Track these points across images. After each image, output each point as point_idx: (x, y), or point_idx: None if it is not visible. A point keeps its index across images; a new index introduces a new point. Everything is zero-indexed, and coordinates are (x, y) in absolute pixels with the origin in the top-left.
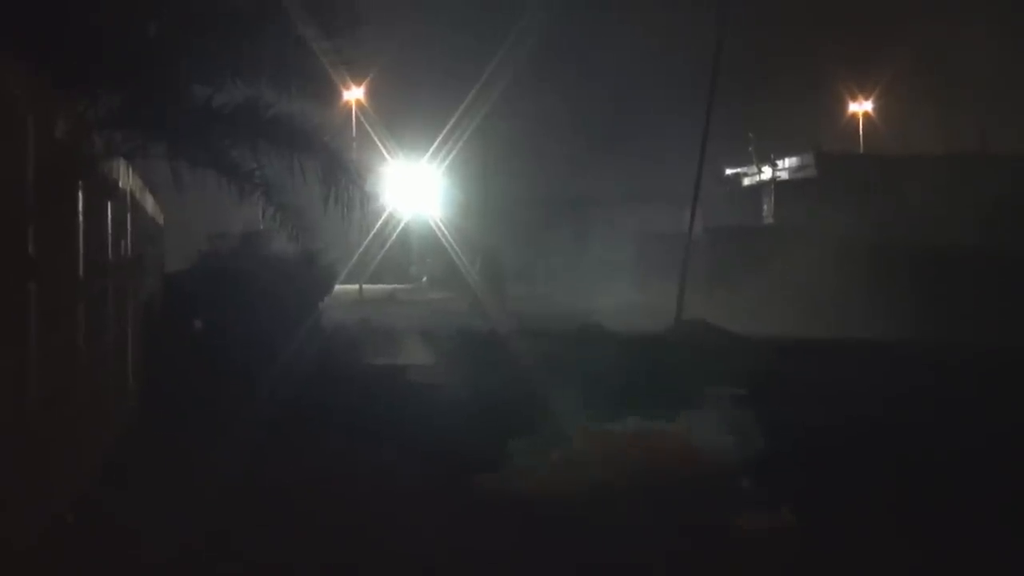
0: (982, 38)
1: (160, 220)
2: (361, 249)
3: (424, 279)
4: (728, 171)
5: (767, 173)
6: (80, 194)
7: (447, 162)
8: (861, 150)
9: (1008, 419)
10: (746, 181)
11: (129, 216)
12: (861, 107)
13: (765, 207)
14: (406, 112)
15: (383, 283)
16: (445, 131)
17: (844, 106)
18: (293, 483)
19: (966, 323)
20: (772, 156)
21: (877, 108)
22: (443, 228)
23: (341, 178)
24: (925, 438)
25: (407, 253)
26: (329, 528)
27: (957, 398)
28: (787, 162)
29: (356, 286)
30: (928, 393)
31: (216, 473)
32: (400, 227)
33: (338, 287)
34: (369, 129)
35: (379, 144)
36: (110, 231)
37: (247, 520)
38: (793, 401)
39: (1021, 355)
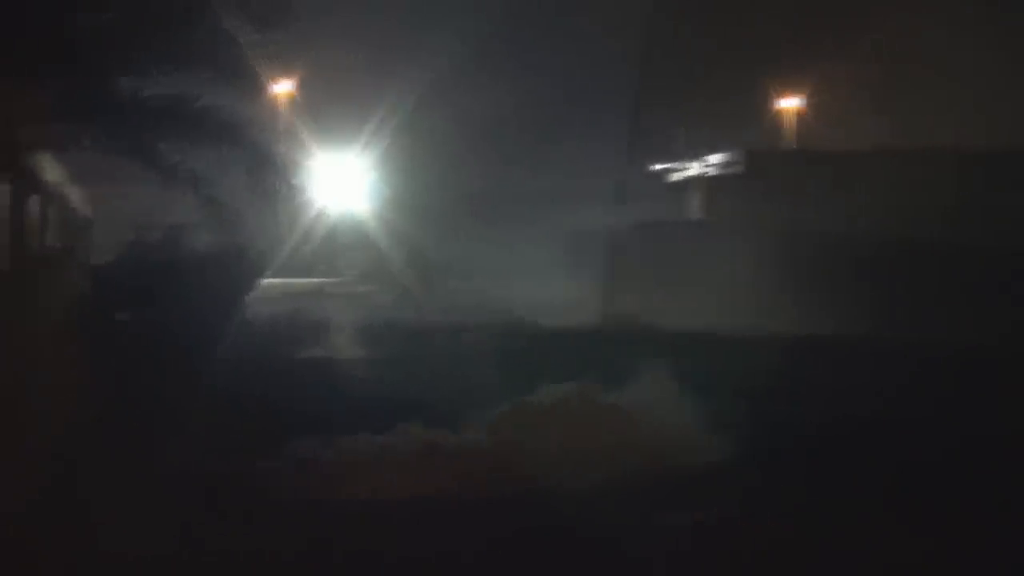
0: (919, 34)
1: (87, 212)
2: (290, 243)
3: (353, 273)
4: (658, 166)
5: (697, 169)
6: (6, 186)
7: (376, 156)
8: (793, 146)
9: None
10: (676, 177)
11: (56, 208)
12: (792, 103)
13: (695, 203)
14: (336, 106)
15: (312, 277)
16: (374, 125)
17: (775, 103)
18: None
19: (892, 319)
20: (702, 152)
21: (810, 105)
22: (372, 222)
23: (269, 172)
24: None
25: (336, 247)
26: None
27: (844, 388)
28: (716, 158)
29: (284, 280)
30: (813, 383)
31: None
32: (329, 221)
33: (266, 281)
34: (299, 123)
35: (309, 138)
36: (37, 223)
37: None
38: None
39: (944, 349)
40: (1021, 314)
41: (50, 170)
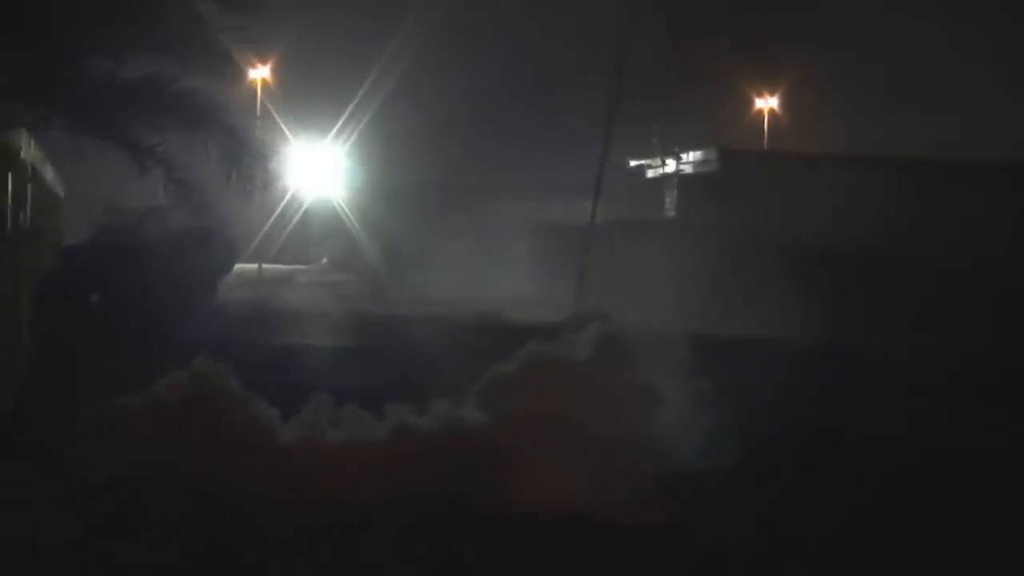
0: (895, 36)
1: (60, 192)
2: (263, 229)
3: (325, 261)
4: (632, 163)
5: (671, 166)
6: None
7: (350, 144)
8: (766, 146)
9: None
10: (650, 174)
11: (29, 188)
12: (767, 103)
13: (668, 200)
14: (311, 93)
15: (284, 264)
16: (348, 113)
17: (751, 102)
18: None
19: (859, 324)
20: (676, 149)
21: (784, 105)
22: (345, 210)
23: (243, 157)
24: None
25: (309, 234)
26: None
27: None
28: (691, 156)
29: (256, 266)
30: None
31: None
32: (303, 208)
33: (238, 267)
34: (273, 109)
35: (283, 124)
36: (8, 202)
37: None
38: None
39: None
40: (1000, 320)
41: (24, 149)
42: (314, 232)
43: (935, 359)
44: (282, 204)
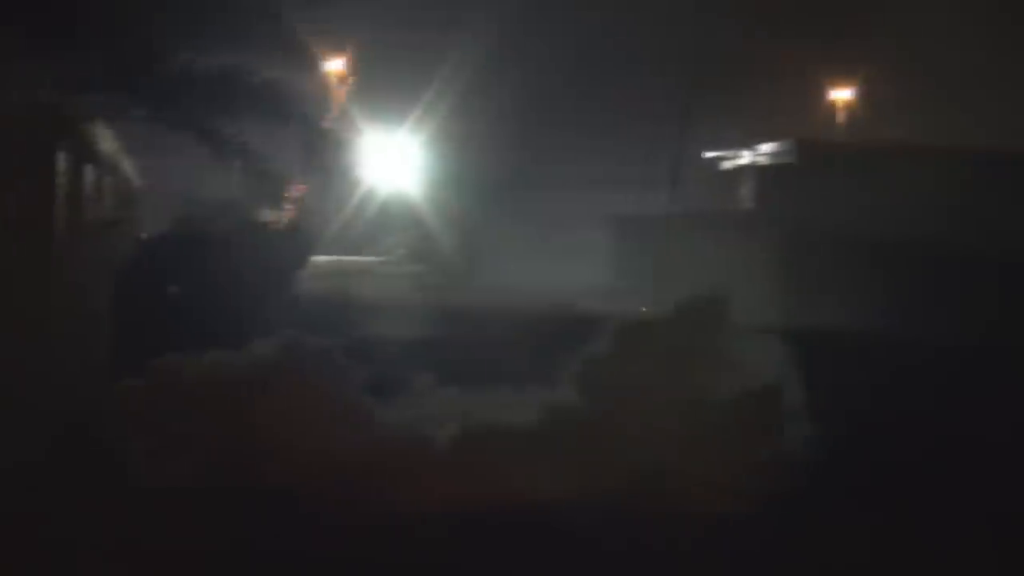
0: (970, 28)
1: (137, 184)
2: (339, 220)
3: (401, 252)
4: (706, 154)
5: (745, 158)
6: (59, 155)
7: (427, 135)
8: (841, 138)
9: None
10: (724, 165)
11: (107, 178)
12: (843, 94)
13: (742, 192)
14: (386, 84)
15: (360, 255)
16: (424, 104)
17: (827, 93)
18: None
19: (941, 319)
20: (751, 141)
21: (860, 96)
22: (421, 202)
23: (321, 148)
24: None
25: (385, 225)
26: None
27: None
28: (766, 147)
29: (332, 257)
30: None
31: None
32: (378, 199)
33: (315, 259)
34: (349, 101)
35: (359, 115)
36: (88, 193)
37: None
38: None
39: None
40: None
41: (103, 141)
42: (389, 224)
43: None
44: (358, 196)
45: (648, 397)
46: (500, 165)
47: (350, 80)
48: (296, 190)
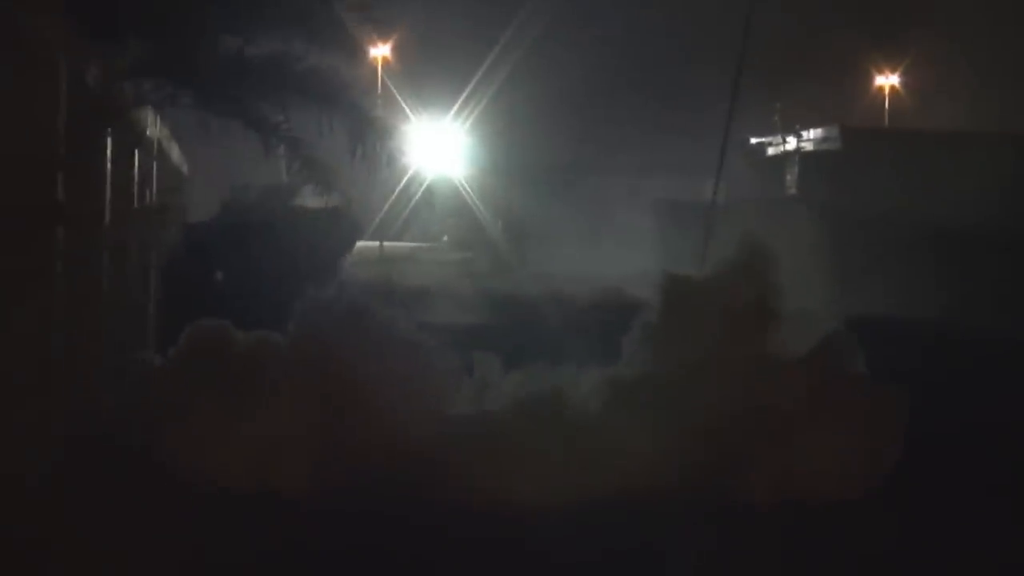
0: (1013, 14)
1: (184, 170)
2: (384, 207)
3: (445, 239)
4: (753, 141)
5: (792, 144)
6: (109, 141)
7: (471, 122)
8: (887, 124)
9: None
10: (770, 151)
11: (155, 165)
12: (888, 80)
13: (788, 179)
14: (431, 71)
15: (404, 242)
16: (469, 90)
17: (871, 79)
18: None
19: (986, 307)
20: (797, 127)
21: (905, 82)
22: (466, 188)
23: (367, 135)
24: None
25: (429, 212)
26: None
27: None
28: (812, 133)
29: (377, 243)
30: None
31: None
32: (423, 186)
33: (360, 245)
34: (394, 88)
35: (404, 102)
36: (136, 179)
37: None
38: None
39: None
40: None
41: (151, 127)
42: (435, 211)
43: None
44: (403, 183)
45: (714, 357)
46: (547, 151)
47: (396, 66)
48: (342, 177)
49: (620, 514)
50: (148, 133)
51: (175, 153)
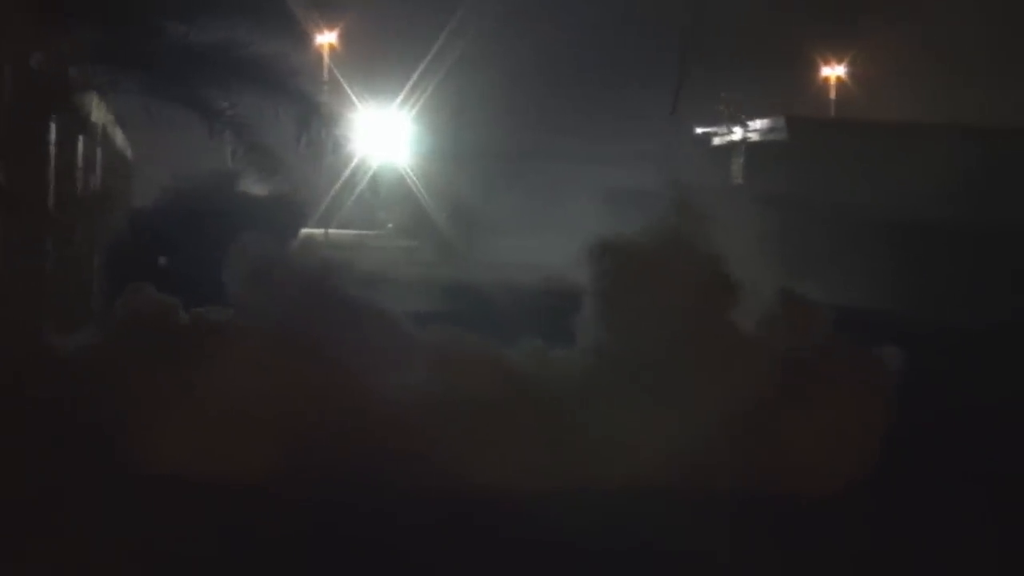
0: (961, 6)
1: (129, 155)
2: (330, 194)
3: (391, 226)
4: (699, 130)
5: (738, 134)
6: (53, 126)
7: (417, 109)
8: (832, 114)
9: None
10: (716, 141)
11: (99, 150)
12: (836, 71)
13: (734, 168)
14: (378, 58)
15: (350, 229)
16: (416, 77)
17: (818, 70)
18: None
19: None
20: (743, 117)
21: (852, 74)
22: (412, 176)
23: (313, 121)
24: None
25: (376, 199)
26: None
27: None
28: (758, 123)
29: (323, 230)
30: None
31: None
32: (369, 173)
33: (305, 231)
34: (340, 75)
35: (350, 89)
36: (80, 164)
37: None
38: None
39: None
40: None
41: (96, 112)
42: (381, 198)
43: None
44: (349, 169)
45: (668, 327)
46: (496, 139)
47: (342, 53)
48: (287, 163)
49: (595, 501)
50: (93, 118)
51: (120, 139)
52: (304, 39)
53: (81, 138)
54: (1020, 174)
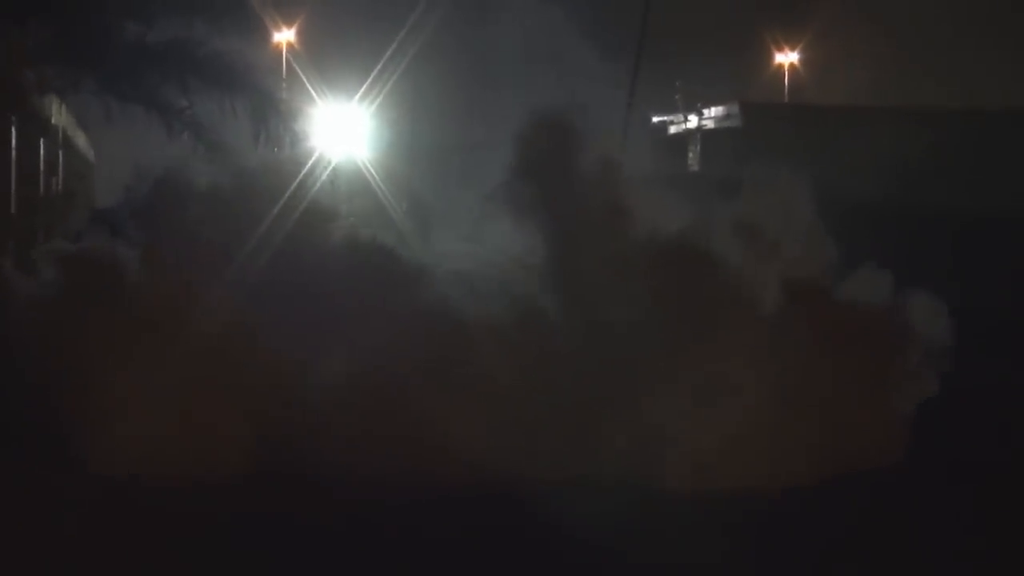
0: None
1: (91, 156)
2: (289, 189)
3: (350, 220)
4: (655, 119)
5: (693, 122)
6: (12, 129)
7: (377, 104)
8: (786, 100)
9: None
10: (672, 129)
11: (61, 152)
12: (787, 57)
13: (690, 156)
14: (336, 54)
15: None
16: (374, 73)
17: (772, 57)
18: None
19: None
20: (698, 105)
21: (805, 60)
22: (371, 170)
23: (271, 118)
24: None
25: (335, 194)
26: None
27: None
28: (713, 111)
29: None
30: None
31: None
32: (328, 168)
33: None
34: (299, 70)
35: (309, 85)
36: (42, 167)
37: None
38: None
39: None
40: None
41: (56, 114)
42: (340, 191)
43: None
44: (308, 165)
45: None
46: (454, 132)
47: (300, 50)
48: (246, 159)
49: None
50: (53, 121)
51: (82, 140)
52: (262, 36)
53: (42, 141)
54: (970, 156)
